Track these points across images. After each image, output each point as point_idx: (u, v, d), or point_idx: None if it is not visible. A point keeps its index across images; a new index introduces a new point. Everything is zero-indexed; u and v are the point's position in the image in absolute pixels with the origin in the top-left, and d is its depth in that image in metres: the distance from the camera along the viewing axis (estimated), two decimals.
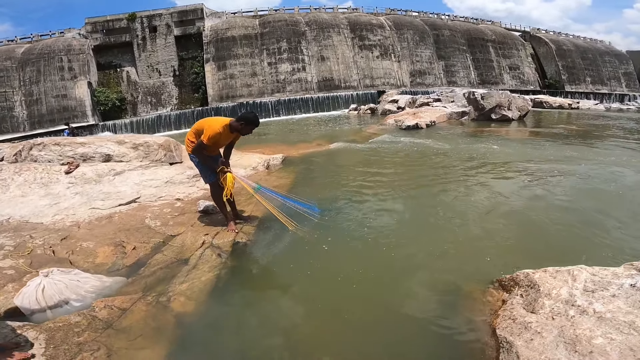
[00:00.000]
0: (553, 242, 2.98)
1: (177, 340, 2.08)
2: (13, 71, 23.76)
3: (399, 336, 2.06)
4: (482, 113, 11.74)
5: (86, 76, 24.24)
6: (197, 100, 26.32)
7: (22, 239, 3.25)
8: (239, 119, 3.11)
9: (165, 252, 3.05)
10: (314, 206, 3.47)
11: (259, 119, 3.20)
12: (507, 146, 7.17)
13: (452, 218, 3.54)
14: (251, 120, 3.11)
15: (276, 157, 6.17)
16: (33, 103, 23.17)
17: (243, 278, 2.79)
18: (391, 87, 26.79)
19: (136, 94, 26.37)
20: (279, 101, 24.14)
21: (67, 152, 4.80)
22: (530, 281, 1.98)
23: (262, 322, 2.25)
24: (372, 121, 14.62)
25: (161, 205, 4.03)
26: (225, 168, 3.22)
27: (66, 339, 1.98)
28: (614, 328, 1.48)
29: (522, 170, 5.15)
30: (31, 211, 3.92)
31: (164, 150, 5.20)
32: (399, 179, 5.00)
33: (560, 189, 4.23)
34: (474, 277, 2.46)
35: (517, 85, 31.42)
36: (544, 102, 17.67)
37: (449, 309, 2.19)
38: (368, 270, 2.70)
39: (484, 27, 33.92)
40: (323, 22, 27.93)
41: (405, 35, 29.23)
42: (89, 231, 3.47)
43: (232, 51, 25.74)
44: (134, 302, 2.36)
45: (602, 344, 1.42)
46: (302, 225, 3.35)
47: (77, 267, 2.79)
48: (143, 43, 26.19)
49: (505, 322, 1.83)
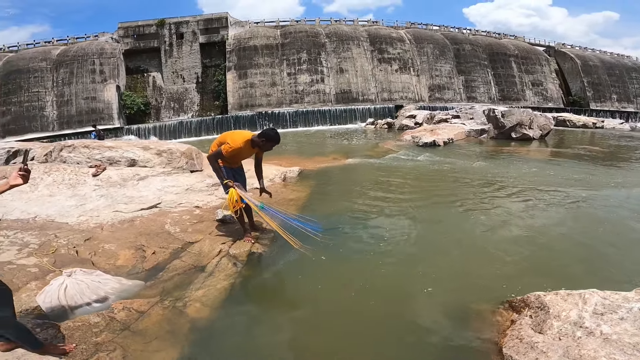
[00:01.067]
0: (567, 267, 2.95)
1: (190, 344, 2.13)
2: (47, 72, 25.00)
3: (405, 351, 2.09)
4: (501, 131, 11.57)
5: (115, 80, 25.26)
6: (217, 108, 26.96)
7: (47, 237, 3.40)
8: (260, 135, 3.20)
9: (184, 258, 3.15)
10: (317, 226, 3.39)
11: (279, 137, 3.26)
12: (526, 167, 7.04)
13: (464, 238, 3.53)
14: (272, 137, 3.18)
15: (293, 170, 6.26)
16: (64, 104, 24.25)
17: (257, 288, 2.85)
18: (409, 101, 26.74)
19: (160, 99, 27.26)
20: (297, 112, 24.43)
21: (95, 155, 5.04)
22: (540, 303, 2.01)
23: (273, 332, 2.30)
24: (388, 136, 14.64)
25: (181, 212, 4.16)
26: (230, 183, 3.23)
27: (84, 339, 2.06)
28: (618, 349, 1.53)
29: (541, 193, 5.05)
30: (57, 211, 4.09)
31: (185, 158, 5.38)
32: (414, 198, 4.99)
33: (580, 214, 4.15)
34: (484, 298, 2.47)
35: (539, 101, 30.76)
36: (567, 121, 17.25)
37: (457, 327, 2.21)
38: (378, 286, 2.73)
39: (507, 42, 33.54)
40: (343, 34, 28.30)
41: (425, 49, 29.24)
42: (111, 233, 3.60)
43: (253, 60, 26.34)
44: (151, 306, 2.44)
45: None
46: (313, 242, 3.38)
47: (99, 268, 2.90)
48: (170, 49, 27.15)
49: (512, 342, 1.88)
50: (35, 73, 24.69)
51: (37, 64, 25.03)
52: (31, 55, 25.64)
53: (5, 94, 24.18)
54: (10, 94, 24.12)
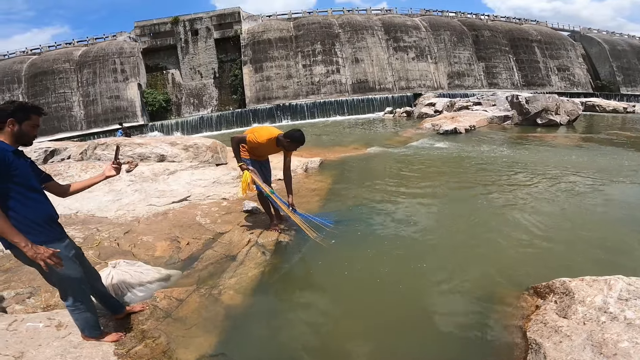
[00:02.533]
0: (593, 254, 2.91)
1: (226, 330, 2.25)
2: (72, 73, 25.92)
3: (430, 334, 2.15)
4: (526, 117, 11.21)
5: (136, 78, 25.95)
6: (235, 102, 27.29)
7: (89, 231, 3.62)
8: (286, 135, 3.23)
9: (215, 248, 3.29)
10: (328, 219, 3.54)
11: (304, 138, 3.27)
12: (553, 153, 6.84)
13: (490, 226, 3.52)
14: (297, 138, 3.21)
15: (314, 161, 6.33)
16: (89, 103, 25.17)
17: (285, 275, 2.95)
18: (427, 89, 26.17)
19: (180, 95, 27.83)
20: (314, 103, 24.42)
21: (127, 152, 5.28)
22: (566, 289, 2.03)
23: (301, 317, 2.40)
24: (408, 125, 14.44)
25: (209, 204, 4.32)
26: (244, 166, 3.33)
27: (132, 326, 2.20)
28: None
29: (569, 179, 4.93)
30: (96, 206, 4.34)
31: (211, 151, 5.54)
32: (436, 186, 4.97)
33: (610, 202, 4.03)
34: (509, 284, 2.50)
35: (566, 87, 29.44)
36: (596, 106, 16.47)
37: (482, 312, 2.25)
38: (403, 273, 2.78)
39: (528, 27, 32.12)
40: (356, 23, 27.85)
41: (442, 36, 28.40)
42: (147, 226, 3.80)
43: (268, 54, 26.40)
44: (189, 294, 2.57)
45: (627, 347, 1.50)
46: (338, 231, 3.48)
47: (139, 259, 3.06)
48: (186, 46, 27.56)
49: (536, 326, 1.92)
50: (60, 74, 25.63)
51: (60, 65, 25.93)
52: (54, 57, 26.54)
53: (32, 96, 25.25)
54: (38, 96, 25.18)
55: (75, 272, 1.87)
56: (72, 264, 1.85)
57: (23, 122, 1.77)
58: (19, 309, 2.38)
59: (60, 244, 1.82)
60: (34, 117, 1.82)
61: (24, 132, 1.78)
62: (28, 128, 1.79)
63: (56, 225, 1.86)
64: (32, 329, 2.03)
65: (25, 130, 1.78)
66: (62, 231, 1.89)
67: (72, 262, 1.85)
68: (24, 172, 1.73)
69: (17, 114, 1.75)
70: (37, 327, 2.05)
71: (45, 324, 2.08)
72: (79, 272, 1.89)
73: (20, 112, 1.76)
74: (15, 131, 1.75)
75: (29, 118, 1.79)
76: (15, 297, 2.50)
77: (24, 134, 1.78)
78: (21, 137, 1.78)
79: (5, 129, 1.74)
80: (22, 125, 1.77)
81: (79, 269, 1.90)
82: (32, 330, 2.02)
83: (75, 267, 1.87)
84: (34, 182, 1.78)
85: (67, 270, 1.79)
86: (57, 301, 2.46)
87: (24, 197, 1.71)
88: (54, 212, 1.85)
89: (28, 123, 1.79)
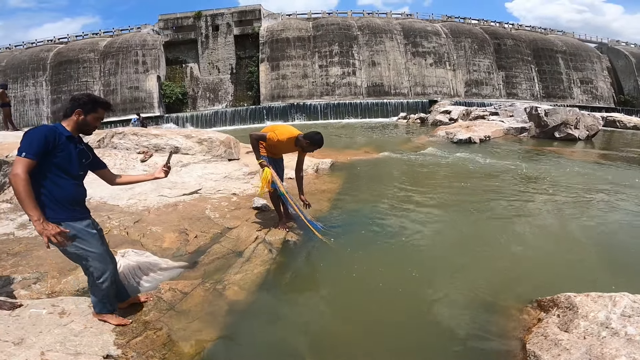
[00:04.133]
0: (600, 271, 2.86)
1: (228, 326, 2.25)
2: (95, 62, 26.62)
3: (429, 341, 2.14)
4: (544, 130, 10.95)
5: (156, 70, 26.45)
6: (250, 98, 27.54)
7: (100, 219, 3.64)
8: (306, 136, 3.29)
9: (223, 243, 3.31)
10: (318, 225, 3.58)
11: (323, 142, 3.33)
12: (569, 168, 6.66)
13: (497, 237, 3.46)
14: (316, 141, 3.27)
15: (325, 162, 6.33)
16: (110, 93, 25.75)
17: (291, 274, 2.95)
18: (444, 96, 25.87)
19: (197, 89, 28.23)
20: (328, 104, 24.41)
21: (142, 142, 5.37)
22: (570, 303, 2.03)
23: (304, 317, 2.40)
24: (421, 131, 14.29)
25: (219, 199, 4.36)
26: (264, 163, 3.38)
27: (135, 316, 2.21)
28: (639, 349, 1.56)
29: (582, 195, 4.80)
30: (109, 194, 4.40)
31: (224, 146, 5.60)
32: (445, 195, 4.91)
33: (621, 220, 3.92)
34: (512, 296, 2.47)
35: (588, 100, 28.70)
36: (617, 121, 15.96)
37: (484, 322, 2.24)
38: (405, 279, 2.76)
39: (554, 38, 31.44)
40: (375, 27, 27.74)
41: (462, 43, 28.06)
42: (157, 217, 3.85)
43: (285, 52, 26.54)
44: (194, 287, 2.58)
45: None
46: (344, 234, 3.47)
47: (147, 249, 3.09)
48: (206, 41, 27.94)
49: (536, 338, 1.92)
50: (84, 64, 26.35)
51: (85, 54, 26.67)
52: (80, 47, 27.33)
53: (56, 83, 26.06)
54: (61, 83, 25.95)
55: (96, 248, 1.97)
56: (93, 239, 1.96)
57: (89, 113, 1.93)
58: (24, 294, 2.40)
59: (81, 222, 1.92)
60: (100, 111, 1.98)
61: (87, 123, 1.94)
62: (92, 119, 1.95)
63: (79, 206, 1.97)
64: (34, 315, 2.04)
65: (89, 121, 1.95)
66: (83, 211, 1.99)
67: (92, 238, 1.95)
68: (66, 157, 1.86)
69: (87, 106, 1.92)
70: (40, 314, 2.06)
71: (48, 311, 2.09)
72: (99, 249, 1.99)
73: (90, 105, 1.93)
74: (80, 121, 1.92)
75: (95, 111, 1.96)
76: (21, 282, 2.53)
77: (87, 124, 1.95)
78: (84, 126, 1.94)
79: (72, 117, 1.91)
80: (88, 116, 1.93)
81: (101, 247, 2.00)
82: (34, 316, 2.03)
83: (96, 244, 1.97)
84: (73, 169, 1.90)
85: (87, 246, 1.92)
86: (63, 288, 2.51)
87: (58, 177, 1.83)
88: (78, 195, 1.96)
89: (94, 115, 1.95)
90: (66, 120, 1.91)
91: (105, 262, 2.00)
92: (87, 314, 2.13)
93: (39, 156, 1.72)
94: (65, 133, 1.86)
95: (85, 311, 2.16)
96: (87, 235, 1.92)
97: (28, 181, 1.67)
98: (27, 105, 26.08)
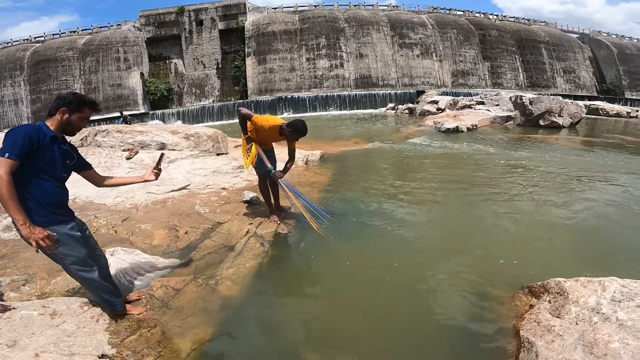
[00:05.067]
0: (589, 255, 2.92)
1: (222, 321, 2.23)
2: (74, 61, 25.84)
3: (422, 331, 2.15)
4: (529, 119, 11.16)
5: (139, 67, 25.84)
6: (237, 93, 27.20)
7: (87, 218, 3.58)
8: (288, 125, 3.26)
9: (214, 238, 3.27)
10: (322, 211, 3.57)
11: (306, 130, 3.30)
12: (554, 154, 6.81)
13: (486, 225, 3.51)
14: (299, 129, 3.24)
15: (315, 154, 6.31)
16: (91, 91, 25.07)
17: (283, 267, 2.95)
18: (431, 86, 26.06)
19: (182, 85, 27.73)
20: (316, 97, 24.34)
21: (127, 139, 5.25)
22: (560, 289, 2.04)
23: (298, 309, 2.40)
24: (410, 121, 14.38)
25: (209, 194, 4.31)
26: (252, 137, 3.37)
27: (128, 316, 2.17)
28: (631, 334, 1.58)
29: (569, 180, 4.92)
30: (95, 193, 4.29)
31: (212, 141, 5.52)
32: (434, 183, 4.95)
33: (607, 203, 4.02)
34: (503, 282, 2.50)
35: (571, 89, 29.32)
36: (600, 109, 16.39)
37: (475, 310, 2.25)
38: (398, 269, 2.77)
39: (537, 28, 31.90)
40: (362, 19, 27.67)
41: (448, 34, 28.24)
42: (145, 214, 3.78)
43: (272, 46, 26.26)
44: (186, 284, 2.55)
45: (617, 348, 1.52)
46: (335, 224, 3.47)
47: (137, 247, 3.04)
48: (190, 36, 27.40)
49: (529, 325, 1.93)
50: (62, 62, 25.58)
51: (64, 53, 25.88)
52: (58, 45, 26.49)
53: (34, 83, 25.24)
54: (40, 83, 25.16)
55: (78, 252, 1.92)
56: (76, 243, 1.91)
57: (74, 113, 1.85)
58: (13, 297, 2.35)
59: (65, 226, 1.87)
60: (86, 111, 1.89)
61: (71, 123, 1.86)
62: (77, 120, 1.87)
63: (62, 209, 1.90)
64: (26, 317, 2.00)
65: (74, 121, 1.86)
66: (67, 214, 1.93)
67: (75, 242, 1.90)
68: (50, 159, 1.78)
69: (72, 105, 1.83)
70: (31, 316, 2.02)
71: (39, 312, 2.05)
72: (81, 252, 1.94)
73: (75, 104, 1.85)
74: (64, 120, 1.84)
75: (81, 110, 1.87)
76: (10, 285, 2.48)
77: (71, 124, 1.86)
78: (68, 126, 1.86)
79: (56, 116, 1.82)
80: (72, 116, 1.84)
81: (82, 250, 1.95)
82: (26, 318, 1.99)
83: (78, 248, 1.92)
84: (56, 171, 1.83)
85: (69, 250, 1.87)
86: (53, 289, 2.46)
87: (41, 180, 1.76)
88: (61, 198, 1.90)
89: (79, 115, 1.87)
90: (50, 119, 1.82)
91: (87, 266, 1.96)
92: (79, 314, 2.09)
93: (22, 157, 1.64)
94: (49, 133, 1.77)
95: (77, 311, 2.11)
96: (69, 239, 1.86)
97: (11, 183, 1.60)
98: (6, 106, 25.27)
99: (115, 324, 2.08)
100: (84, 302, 2.18)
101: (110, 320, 2.10)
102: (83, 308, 2.12)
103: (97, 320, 2.06)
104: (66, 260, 1.88)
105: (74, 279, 1.99)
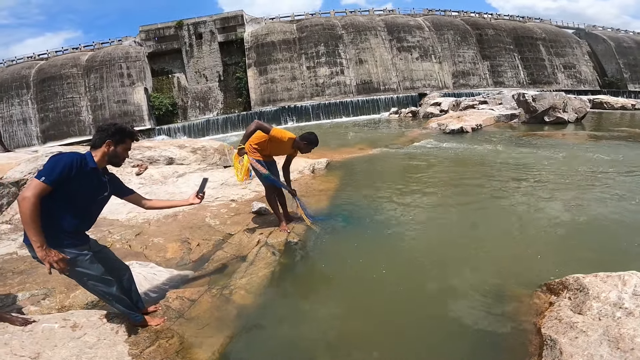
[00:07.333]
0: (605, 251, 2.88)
1: (237, 330, 2.26)
2: (79, 78, 26.23)
3: (442, 331, 2.15)
4: (533, 116, 11.11)
5: (142, 82, 26.21)
6: (240, 105, 27.45)
7: (102, 233, 3.66)
8: (302, 137, 3.44)
9: (226, 249, 3.31)
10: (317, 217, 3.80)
11: (318, 140, 3.51)
12: (562, 151, 6.76)
13: (498, 224, 3.51)
14: (312, 141, 3.45)
15: (321, 162, 6.34)
16: (97, 108, 25.46)
17: (295, 275, 2.97)
18: (432, 88, 26.09)
19: (186, 98, 28.06)
20: (319, 105, 24.45)
21: (136, 155, 5.34)
22: (579, 285, 2.03)
23: (311, 316, 2.41)
24: (414, 125, 14.40)
25: (218, 206, 4.35)
26: (244, 149, 3.37)
27: (146, 327, 2.21)
28: None
29: (580, 176, 4.87)
30: (108, 208, 4.26)
31: (218, 154, 5.59)
32: (444, 186, 4.96)
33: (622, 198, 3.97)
34: (520, 281, 2.49)
35: (573, 84, 29.17)
36: (604, 103, 16.24)
37: (495, 309, 2.24)
38: (413, 271, 2.78)
39: (532, 25, 31.92)
40: (359, 24, 27.89)
41: (446, 36, 28.35)
42: (157, 228, 3.84)
43: (272, 56, 26.52)
44: (201, 294, 2.58)
45: None
46: (347, 230, 3.50)
47: (151, 261, 3.10)
48: (190, 50, 27.79)
49: (551, 322, 1.91)
50: (67, 79, 25.92)
51: (68, 70, 26.20)
52: (61, 62, 26.82)
53: (42, 101, 25.61)
54: (47, 101, 25.51)
55: (96, 270, 1.95)
56: (91, 263, 1.93)
57: (119, 144, 1.85)
58: (34, 310, 2.40)
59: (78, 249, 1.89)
60: (128, 142, 1.90)
61: (117, 154, 1.87)
62: (122, 151, 1.88)
63: (80, 234, 1.94)
64: (47, 329, 2.04)
65: (119, 152, 1.87)
66: (82, 238, 1.96)
67: (90, 262, 1.93)
68: (85, 191, 1.80)
69: (116, 137, 1.83)
70: (53, 328, 2.06)
71: (60, 325, 2.09)
72: (99, 271, 1.96)
73: (119, 135, 1.85)
74: (110, 152, 1.85)
75: (124, 142, 1.88)
76: (30, 299, 2.53)
77: (117, 155, 1.88)
78: (114, 157, 1.87)
79: (102, 148, 1.83)
80: (118, 147, 1.85)
81: (99, 268, 1.98)
82: (47, 331, 2.03)
83: (95, 267, 1.95)
84: (86, 201, 1.84)
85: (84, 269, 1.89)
86: (72, 302, 2.50)
87: (69, 207, 1.77)
88: (84, 227, 1.94)
89: (123, 147, 1.88)
90: (95, 150, 1.83)
91: (104, 282, 1.98)
92: (99, 326, 2.13)
93: (55, 184, 1.66)
94: (92, 164, 1.80)
95: (97, 323, 2.15)
96: (83, 261, 1.88)
97: (37, 206, 1.62)
98: (15, 126, 25.55)
99: (134, 336, 2.11)
100: (104, 314, 2.22)
101: (129, 332, 2.13)
102: (102, 320, 2.16)
103: (116, 331, 2.10)
104: (84, 278, 1.92)
105: (93, 294, 2.03)
